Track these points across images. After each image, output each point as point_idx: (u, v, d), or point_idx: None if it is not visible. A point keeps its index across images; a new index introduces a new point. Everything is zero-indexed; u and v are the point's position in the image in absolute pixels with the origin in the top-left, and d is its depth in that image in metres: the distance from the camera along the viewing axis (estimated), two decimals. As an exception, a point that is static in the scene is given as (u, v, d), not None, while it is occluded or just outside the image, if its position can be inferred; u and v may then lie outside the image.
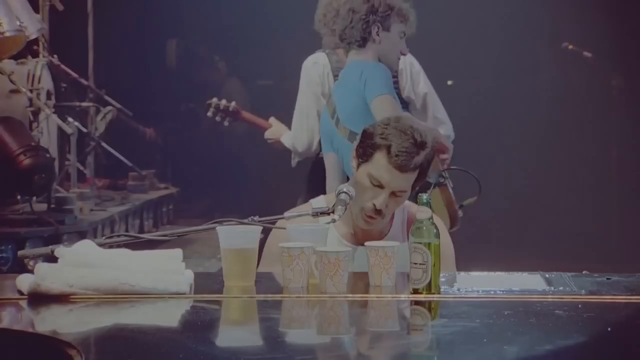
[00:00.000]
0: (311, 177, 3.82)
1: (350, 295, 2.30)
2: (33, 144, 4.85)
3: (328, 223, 2.48)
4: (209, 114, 4.26)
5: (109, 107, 6.23)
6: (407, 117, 2.75)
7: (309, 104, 3.79)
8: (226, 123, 4.29)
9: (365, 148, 2.67)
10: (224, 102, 4.27)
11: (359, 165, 2.69)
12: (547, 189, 6.31)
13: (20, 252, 2.74)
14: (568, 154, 6.34)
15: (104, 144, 6.13)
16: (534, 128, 6.34)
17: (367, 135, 2.68)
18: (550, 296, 2.25)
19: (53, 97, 5.50)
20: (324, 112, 3.63)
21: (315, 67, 3.80)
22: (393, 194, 2.64)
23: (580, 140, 6.33)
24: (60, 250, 2.28)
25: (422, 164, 2.62)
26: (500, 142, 6.17)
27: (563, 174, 6.31)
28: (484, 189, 3.40)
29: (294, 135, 3.90)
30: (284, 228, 2.50)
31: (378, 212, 2.64)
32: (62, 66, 5.84)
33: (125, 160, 6.27)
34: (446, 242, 2.76)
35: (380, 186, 2.63)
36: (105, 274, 2.23)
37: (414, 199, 2.52)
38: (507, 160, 6.25)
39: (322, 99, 3.76)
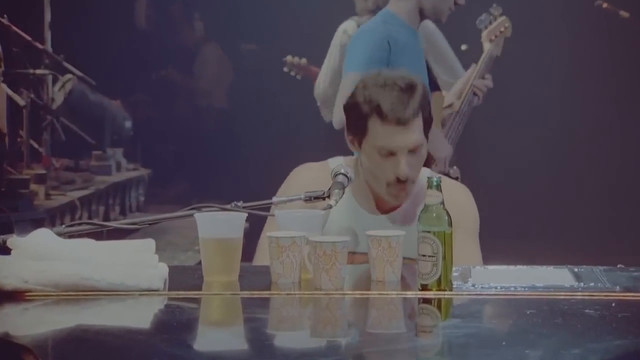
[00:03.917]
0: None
1: (349, 292, 2.32)
2: (-20, 118, 4.85)
3: (324, 209, 2.50)
4: (285, 69, 5.50)
5: (69, 75, 6.22)
6: (379, 72, 2.78)
7: (331, 62, 4.67)
8: (299, 77, 5.52)
9: (356, 122, 2.70)
10: (296, 59, 5.52)
11: (360, 142, 2.71)
12: (575, 170, 6.31)
13: (-34, 243, 2.75)
14: (600, 131, 6.34)
15: (62, 119, 6.13)
16: (561, 100, 6.34)
17: (350, 108, 2.72)
18: (579, 293, 2.27)
19: (2, 64, 5.49)
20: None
21: (343, 35, 4.52)
22: (409, 153, 2.66)
23: (615, 115, 6.33)
24: (13, 240, 2.29)
25: (421, 106, 2.67)
26: (521, 116, 6.17)
27: (594, 152, 6.31)
28: (505, 170, 3.45)
29: (318, 80, 4.89)
30: (272, 215, 2.52)
31: (404, 181, 2.66)
32: (14, 28, 5.82)
33: (88, 137, 6.27)
34: (471, 212, 2.78)
35: (393, 153, 2.66)
36: (65, 268, 2.24)
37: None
38: (529, 136, 6.26)
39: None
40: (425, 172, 2.85)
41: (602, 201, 6.23)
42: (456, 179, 3.80)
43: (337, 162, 2.78)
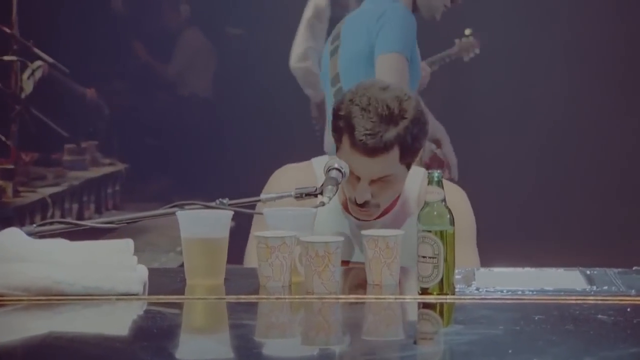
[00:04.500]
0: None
1: (343, 296, 2.33)
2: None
3: (316, 207, 2.51)
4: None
5: (39, 62, 6.21)
6: (375, 84, 2.76)
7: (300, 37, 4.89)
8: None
9: (335, 129, 2.73)
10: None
11: (337, 148, 2.74)
12: (587, 167, 6.32)
13: None
14: (611, 124, 6.35)
15: (32, 109, 6.13)
16: (568, 89, 6.35)
17: (334, 114, 2.74)
18: (591, 297, 2.28)
19: (-33, 50, 5.49)
20: (326, 44, 3.80)
21: (314, 10, 4.92)
22: (374, 182, 2.68)
23: (625, 107, 6.34)
24: (-20, 240, 2.30)
25: (398, 138, 2.66)
26: (527, 111, 6.19)
27: (607, 148, 6.33)
28: (512, 167, 3.49)
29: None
30: (261, 213, 2.53)
31: (362, 205, 2.68)
32: (-21, 11, 5.82)
33: (60, 129, 6.27)
34: (467, 215, 2.79)
35: (355, 176, 2.68)
36: (37, 271, 2.24)
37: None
38: (537, 129, 6.27)
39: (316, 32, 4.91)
40: (419, 171, 2.86)
41: (616, 199, 6.24)
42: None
43: (322, 162, 2.79)
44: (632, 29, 6.25)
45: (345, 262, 2.58)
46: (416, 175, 2.83)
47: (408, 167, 2.74)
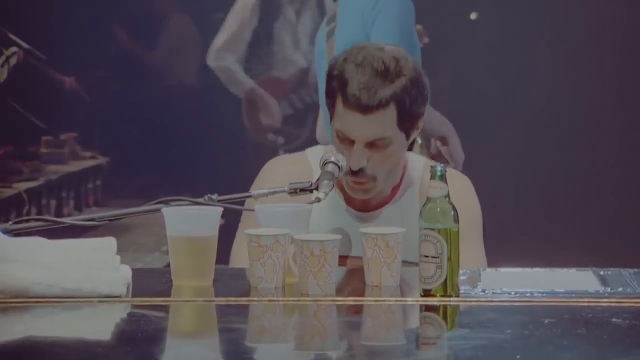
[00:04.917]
0: None
1: (340, 298, 2.33)
2: None
3: (311, 203, 2.51)
4: None
5: (14, 49, 6.21)
6: (371, 44, 2.80)
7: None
8: None
9: (328, 92, 2.72)
10: None
11: (331, 118, 2.74)
12: (599, 162, 6.33)
13: None
14: (627, 117, 6.36)
15: (7, 98, 6.12)
16: (579, 86, 6.36)
17: (328, 76, 2.74)
18: (605, 299, 2.28)
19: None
20: (322, 27, 3.80)
21: None
22: (370, 146, 2.66)
23: (634, 101, 6.35)
24: (-48, 239, 2.30)
25: (395, 97, 2.66)
26: (538, 103, 6.19)
27: (620, 142, 6.34)
28: (520, 162, 3.48)
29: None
30: (252, 209, 2.53)
31: (356, 174, 2.67)
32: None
33: (37, 120, 6.26)
34: (472, 206, 2.79)
35: (350, 141, 2.67)
36: (13, 271, 2.25)
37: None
38: (547, 124, 6.28)
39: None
40: (419, 159, 2.86)
41: (633, 195, 6.25)
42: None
43: (317, 152, 2.78)
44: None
45: (343, 258, 2.58)
46: (417, 164, 2.82)
47: (407, 136, 2.72)
